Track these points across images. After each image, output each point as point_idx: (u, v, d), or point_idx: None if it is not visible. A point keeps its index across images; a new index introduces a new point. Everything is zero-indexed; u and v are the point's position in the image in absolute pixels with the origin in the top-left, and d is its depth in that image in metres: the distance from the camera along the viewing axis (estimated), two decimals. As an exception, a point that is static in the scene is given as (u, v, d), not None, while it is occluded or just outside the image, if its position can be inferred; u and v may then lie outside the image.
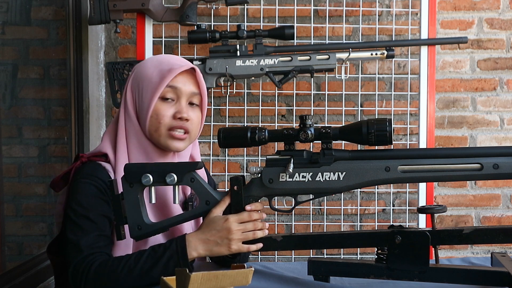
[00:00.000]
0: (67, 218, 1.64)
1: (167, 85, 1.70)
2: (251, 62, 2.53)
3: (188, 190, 1.79)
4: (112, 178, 1.68)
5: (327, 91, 2.91)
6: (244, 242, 1.57)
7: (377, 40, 2.85)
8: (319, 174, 1.54)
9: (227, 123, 2.91)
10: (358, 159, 1.54)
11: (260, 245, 1.59)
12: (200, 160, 1.84)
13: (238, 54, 2.53)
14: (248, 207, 1.57)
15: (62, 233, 1.69)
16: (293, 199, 1.58)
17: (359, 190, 2.89)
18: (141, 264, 1.53)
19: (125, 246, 1.68)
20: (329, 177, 1.54)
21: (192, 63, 2.49)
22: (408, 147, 2.86)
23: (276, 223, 2.93)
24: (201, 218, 1.67)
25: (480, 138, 3.05)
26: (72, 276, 1.57)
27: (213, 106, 2.85)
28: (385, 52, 2.59)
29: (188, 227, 1.74)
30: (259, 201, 1.59)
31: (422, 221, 2.63)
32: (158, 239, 1.68)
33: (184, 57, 2.73)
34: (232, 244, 1.56)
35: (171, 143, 1.71)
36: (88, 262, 1.56)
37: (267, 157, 1.58)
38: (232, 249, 1.56)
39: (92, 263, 1.55)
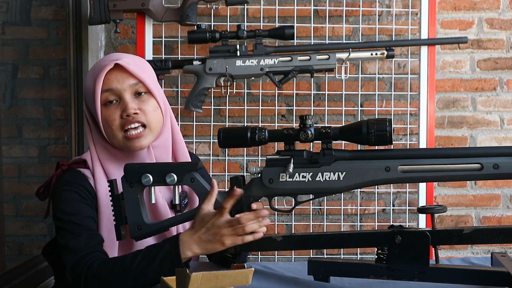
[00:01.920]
0: (56, 227, 1.66)
1: (103, 89, 1.67)
2: (251, 62, 2.53)
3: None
4: (92, 183, 1.69)
5: (327, 91, 2.91)
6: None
7: (377, 40, 2.85)
8: (319, 174, 1.54)
9: (227, 123, 2.90)
10: (358, 159, 1.54)
11: (260, 234, 1.54)
12: (188, 152, 1.83)
13: (238, 54, 2.53)
14: (253, 205, 1.57)
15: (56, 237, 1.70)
16: (293, 199, 1.58)
17: (359, 190, 2.89)
18: (136, 265, 1.53)
19: (110, 248, 1.68)
20: (329, 177, 1.54)
21: (192, 63, 2.54)
22: (408, 147, 2.86)
23: (276, 223, 2.93)
24: None
25: (480, 138, 3.05)
26: (72, 278, 1.57)
27: (213, 106, 2.85)
28: (385, 52, 2.59)
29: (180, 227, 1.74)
30: (259, 201, 1.59)
31: (422, 221, 2.63)
32: (147, 240, 1.68)
33: (183, 57, 2.75)
34: (224, 239, 1.52)
35: (131, 144, 1.69)
36: (85, 262, 1.56)
37: (267, 157, 1.58)
38: (226, 244, 1.52)
39: (91, 264, 1.55)
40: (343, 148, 2.23)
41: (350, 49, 2.58)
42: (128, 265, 1.53)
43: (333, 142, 1.55)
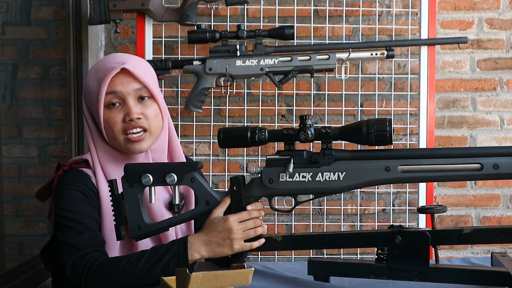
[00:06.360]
0: (57, 225, 1.66)
1: (107, 92, 1.68)
2: (251, 62, 2.53)
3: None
4: (94, 183, 1.69)
5: (327, 91, 2.91)
6: (246, 241, 1.57)
7: (377, 40, 2.85)
8: (319, 174, 1.54)
9: (227, 123, 2.90)
10: (358, 159, 1.54)
11: (263, 240, 1.58)
12: (184, 156, 1.84)
13: (238, 54, 2.53)
14: (249, 207, 1.57)
15: (54, 238, 1.70)
16: (293, 199, 1.58)
17: (359, 190, 2.89)
18: (142, 264, 1.53)
19: (112, 247, 1.68)
20: (329, 177, 1.54)
21: (192, 63, 2.54)
22: (408, 147, 2.86)
23: (276, 223, 2.93)
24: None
25: (480, 138, 3.05)
26: (72, 273, 1.57)
27: (213, 106, 2.85)
28: (385, 52, 2.59)
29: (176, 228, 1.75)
30: (259, 201, 1.59)
31: (422, 221, 2.63)
32: (146, 242, 1.68)
33: (183, 57, 2.75)
34: (234, 244, 1.55)
35: (131, 146, 1.70)
36: (88, 259, 1.56)
37: (267, 157, 1.58)
38: (235, 248, 1.55)
39: (94, 261, 1.55)
40: (343, 148, 2.24)
41: (350, 49, 2.58)
42: (134, 263, 1.54)
43: (333, 142, 1.55)
